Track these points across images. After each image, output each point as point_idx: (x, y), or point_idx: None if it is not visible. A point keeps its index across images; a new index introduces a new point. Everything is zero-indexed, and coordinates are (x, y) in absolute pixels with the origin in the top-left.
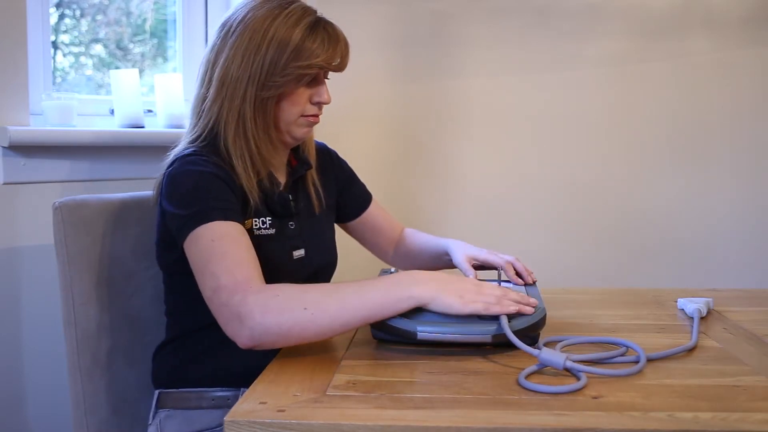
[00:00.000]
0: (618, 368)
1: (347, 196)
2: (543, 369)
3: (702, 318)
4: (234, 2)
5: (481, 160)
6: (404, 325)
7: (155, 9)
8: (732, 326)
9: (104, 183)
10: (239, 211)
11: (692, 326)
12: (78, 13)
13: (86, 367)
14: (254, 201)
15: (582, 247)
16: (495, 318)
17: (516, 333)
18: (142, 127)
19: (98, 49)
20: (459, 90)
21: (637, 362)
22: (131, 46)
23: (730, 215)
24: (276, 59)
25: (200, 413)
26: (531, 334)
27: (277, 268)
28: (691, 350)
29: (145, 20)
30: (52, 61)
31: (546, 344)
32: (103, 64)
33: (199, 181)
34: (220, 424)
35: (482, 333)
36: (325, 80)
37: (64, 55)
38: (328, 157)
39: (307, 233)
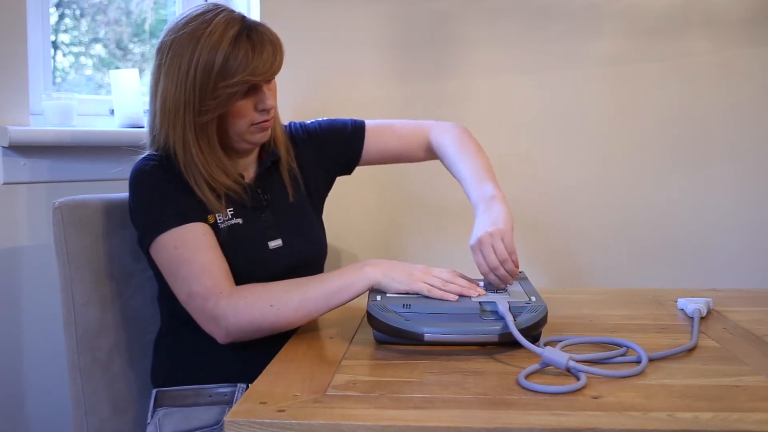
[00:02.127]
0: (619, 369)
1: (337, 148)
2: (543, 369)
3: (702, 318)
4: (234, 2)
5: None
6: (411, 327)
7: (155, 9)
8: (732, 326)
9: (104, 183)
10: (197, 209)
11: (692, 326)
12: (78, 13)
13: (86, 367)
14: (222, 200)
15: (582, 247)
16: (499, 317)
17: (519, 331)
18: (142, 127)
19: (98, 49)
20: (459, 90)
21: (638, 362)
22: (131, 46)
23: (730, 215)
24: (204, 83)
25: (198, 410)
26: (532, 333)
27: (253, 258)
28: (691, 350)
29: (144, 20)
30: (52, 61)
31: (546, 344)
32: (103, 64)
33: (151, 188)
34: (218, 422)
35: (489, 333)
36: (265, 85)
37: (64, 55)
38: (298, 135)
39: (283, 222)
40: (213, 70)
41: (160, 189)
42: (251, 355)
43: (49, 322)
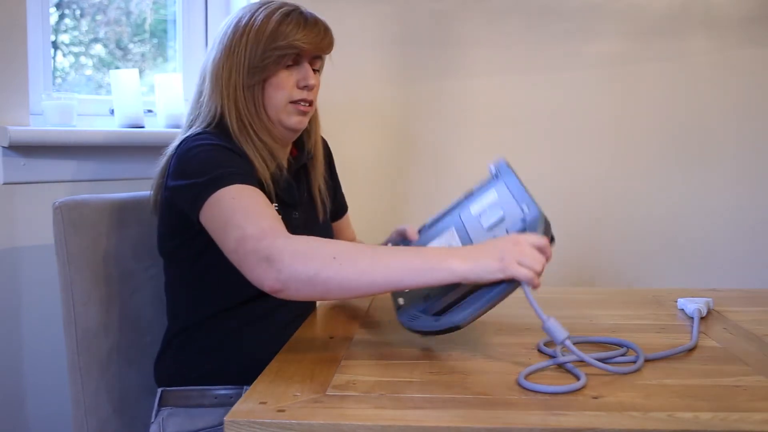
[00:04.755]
0: (616, 366)
1: (335, 197)
2: (543, 369)
3: (702, 318)
4: (234, 2)
5: (481, 160)
6: (444, 324)
7: (155, 9)
8: (732, 326)
9: (104, 183)
10: (259, 180)
11: (692, 326)
12: (78, 13)
13: (86, 367)
14: (267, 186)
15: (582, 247)
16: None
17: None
18: (142, 127)
19: (98, 49)
20: (459, 90)
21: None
22: (131, 46)
23: (730, 215)
24: (255, 46)
25: (202, 411)
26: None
27: None
28: (691, 350)
29: (145, 20)
30: (52, 61)
31: (546, 344)
32: (103, 64)
33: (214, 152)
34: (222, 423)
35: (509, 288)
36: (311, 66)
37: (64, 55)
38: (329, 153)
39: (310, 224)
40: (265, 33)
41: (222, 154)
42: (258, 356)
43: (49, 322)
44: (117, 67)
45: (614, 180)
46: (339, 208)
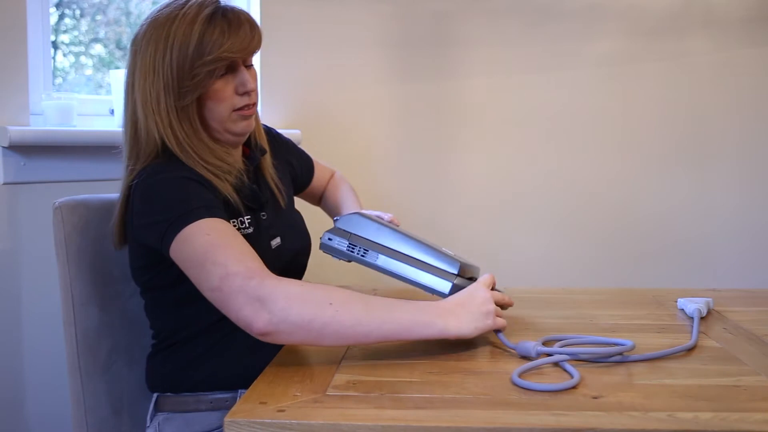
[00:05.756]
0: (612, 367)
1: (297, 169)
2: (539, 367)
3: (702, 318)
4: (235, 2)
5: (481, 159)
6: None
7: None
8: (732, 326)
9: (104, 183)
10: (224, 210)
11: (692, 326)
12: (78, 13)
13: (86, 367)
14: (234, 201)
15: (582, 248)
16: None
17: None
18: None
19: (98, 49)
20: (459, 90)
21: (635, 362)
22: None
23: (730, 215)
24: (181, 63)
25: (199, 415)
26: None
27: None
28: (690, 350)
29: None
30: (52, 61)
31: (545, 342)
32: (103, 64)
33: (176, 185)
34: (220, 426)
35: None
36: (245, 67)
37: (64, 55)
38: (271, 137)
39: (279, 220)
40: (189, 49)
41: (182, 182)
42: (250, 362)
43: (49, 322)
44: (117, 67)
45: (613, 180)
46: (305, 171)
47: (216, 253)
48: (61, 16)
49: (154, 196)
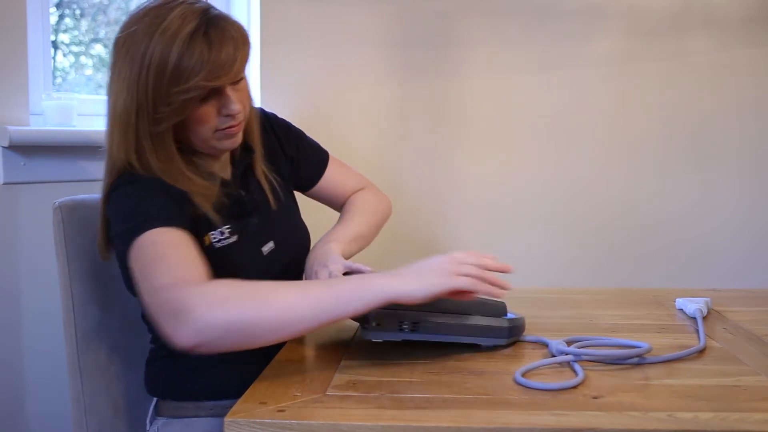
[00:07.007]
0: (623, 368)
1: (301, 164)
2: (540, 367)
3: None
4: (234, 2)
5: (481, 160)
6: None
7: None
8: (732, 326)
9: None
10: (184, 216)
11: (696, 327)
12: (78, 13)
13: (86, 367)
14: (212, 216)
15: (582, 248)
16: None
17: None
18: None
19: (98, 49)
20: (459, 90)
21: (647, 364)
22: None
23: (730, 215)
24: (157, 87)
25: (199, 421)
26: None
27: (251, 269)
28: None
29: None
30: (52, 61)
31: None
32: (103, 64)
33: (135, 195)
34: (220, 431)
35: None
36: (230, 87)
37: (64, 55)
38: (270, 128)
39: (272, 223)
40: (166, 72)
41: (144, 191)
42: (248, 371)
43: (49, 322)
44: None
45: (613, 180)
46: (311, 167)
47: (152, 265)
48: (61, 16)
49: (118, 210)
